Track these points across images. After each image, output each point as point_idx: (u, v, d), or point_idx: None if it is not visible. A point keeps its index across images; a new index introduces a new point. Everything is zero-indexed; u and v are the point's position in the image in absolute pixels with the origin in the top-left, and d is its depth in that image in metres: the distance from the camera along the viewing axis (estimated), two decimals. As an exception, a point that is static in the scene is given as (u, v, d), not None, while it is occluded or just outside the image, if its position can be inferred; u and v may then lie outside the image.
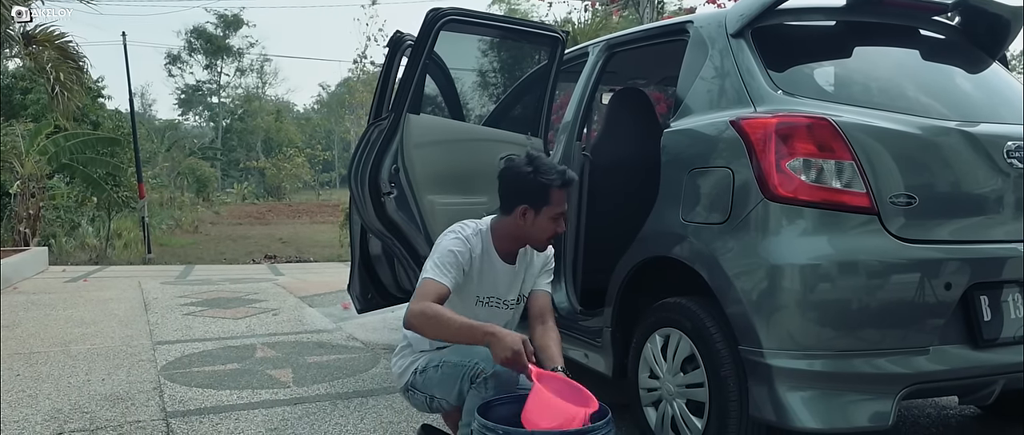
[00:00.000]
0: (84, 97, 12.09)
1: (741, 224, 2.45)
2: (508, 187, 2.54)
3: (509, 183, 2.54)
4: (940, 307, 2.37)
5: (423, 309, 2.31)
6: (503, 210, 2.57)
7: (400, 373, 2.70)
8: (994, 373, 2.45)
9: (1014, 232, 2.54)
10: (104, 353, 4.68)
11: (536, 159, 2.51)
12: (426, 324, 2.31)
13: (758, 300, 2.37)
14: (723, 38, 2.80)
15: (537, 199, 2.48)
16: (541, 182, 2.47)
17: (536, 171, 2.47)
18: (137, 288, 7.93)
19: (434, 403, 2.58)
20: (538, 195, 2.48)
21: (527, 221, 2.51)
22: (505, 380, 2.36)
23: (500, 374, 2.34)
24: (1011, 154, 2.52)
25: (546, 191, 2.47)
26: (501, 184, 2.56)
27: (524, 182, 2.48)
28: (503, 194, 2.56)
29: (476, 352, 2.42)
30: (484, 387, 2.34)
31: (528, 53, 3.96)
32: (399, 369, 2.71)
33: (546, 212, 2.50)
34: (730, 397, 2.47)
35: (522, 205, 2.49)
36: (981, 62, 3.05)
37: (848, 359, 2.32)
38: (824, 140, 2.38)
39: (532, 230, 2.52)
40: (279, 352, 4.72)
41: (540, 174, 2.46)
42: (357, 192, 3.47)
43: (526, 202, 2.49)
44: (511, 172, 2.53)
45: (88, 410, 3.51)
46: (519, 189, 2.50)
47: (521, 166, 2.50)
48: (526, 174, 2.48)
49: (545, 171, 2.47)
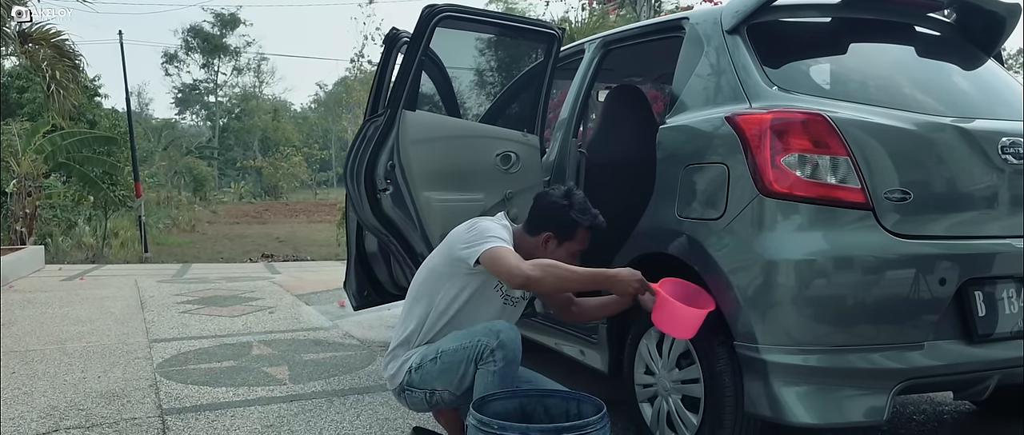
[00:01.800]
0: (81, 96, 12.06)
1: (736, 220, 2.45)
2: (540, 213, 2.66)
3: (542, 209, 2.65)
4: (935, 302, 2.37)
5: (539, 264, 2.42)
6: (528, 229, 2.68)
7: (393, 375, 2.70)
8: (989, 368, 2.45)
9: (1009, 227, 2.54)
10: (100, 351, 4.67)
11: (574, 195, 2.64)
12: (550, 272, 2.40)
13: (753, 296, 2.37)
14: (719, 35, 2.81)
15: (564, 233, 2.61)
16: (573, 219, 2.60)
17: (571, 207, 2.60)
18: (133, 286, 7.92)
19: (435, 397, 2.59)
20: (566, 230, 2.61)
21: (548, 249, 2.62)
22: (512, 349, 2.44)
23: (506, 343, 2.42)
24: (1006, 150, 2.53)
25: (575, 228, 2.61)
26: (534, 207, 2.69)
27: (557, 214, 2.61)
28: (533, 216, 2.68)
29: (474, 332, 2.48)
30: (493, 360, 2.40)
31: (524, 50, 3.96)
32: (391, 372, 2.71)
33: (567, 246, 2.63)
34: (725, 392, 2.47)
35: (547, 233, 2.61)
36: (976, 59, 3.06)
37: (843, 354, 2.32)
38: (819, 136, 2.38)
39: (548, 257, 2.57)
40: (275, 350, 4.72)
41: (574, 211, 2.60)
42: (353, 188, 3.46)
43: (552, 231, 2.61)
44: (547, 200, 2.66)
45: (84, 407, 3.50)
46: (550, 218, 2.62)
47: (558, 198, 2.62)
48: (561, 206, 2.60)
49: (580, 210, 2.61)
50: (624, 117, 3.77)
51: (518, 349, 2.47)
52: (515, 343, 2.46)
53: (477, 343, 2.44)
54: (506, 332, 2.45)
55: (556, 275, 2.40)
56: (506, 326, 2.48)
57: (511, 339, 2.45)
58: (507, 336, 2.44)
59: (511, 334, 2.46)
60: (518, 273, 2.37)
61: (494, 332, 2.44)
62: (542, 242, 2.61)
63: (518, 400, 2.37)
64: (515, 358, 2.45)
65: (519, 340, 2.49)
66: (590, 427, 2.08)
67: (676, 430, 2.69)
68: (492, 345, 2.42)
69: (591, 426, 2.09)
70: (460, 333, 2.55)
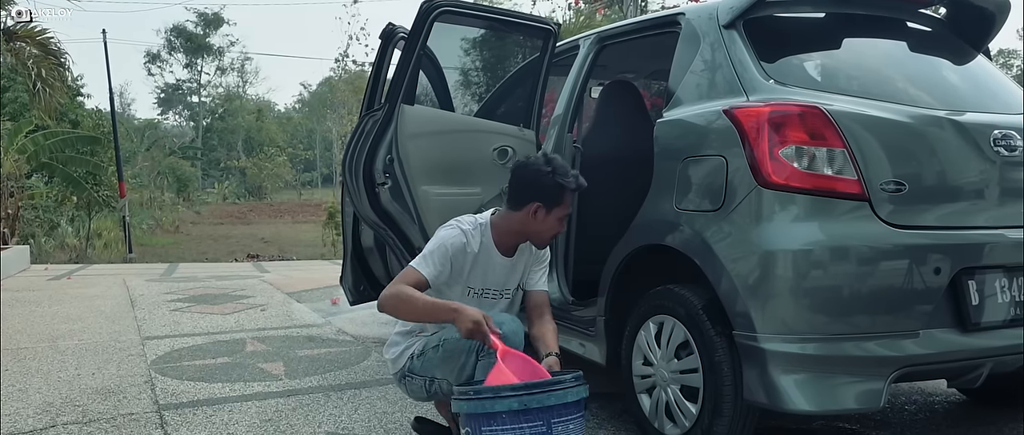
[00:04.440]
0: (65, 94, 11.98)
1: (735, 211, 2.49)
2: (522, 184, 2.61)
3: (525, 180, 2.60)
4: (929, 291, 2.42)
5: (396, 291, 2.45)
6: (511, 205, 2.64)
7: (395, 359, 2.71)
8: (982, 356, 2.50)
9: (1001, 218, 2.60)
10: (93, 348, 4.65)
11: (554, 160, 2.60)
12: (397, 305, 2.45)
13: (752, 285, 2.41)
14: (715, 30, 2.84)
15: (551, 199, 2.57)
16: (558, 183, 2.56)
17: (554, 172, 2.56)
18: (122, 285, 7.88)
19: (434, 386, 2.60)
20: (553, 195, 2.57)
21: (537, 219, 2.58)
22: (515, 341, 2.44)
23: (509, 335, 2.44)
24: (997, 142, 2.58)
25: (561, 192, 2.57)
26: (515, 180, 2.64)
27: (541, 181, 2.57)
28: (515, 190, 2.63)
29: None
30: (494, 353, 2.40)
31: (520, 45, 3.99)
32: (393, 356, 2.72)
33: (556, 212, 2.59)
34: (724, 381, 2.51)
35: (536, 203, 2.57)
36: (967, 54, 3.11)
37: (840, 343, 2.36)
38: (816, 128, 2.42)
39: (539, 228, 2.59)
40: (269, 346, 4.71)
41: (558, 175, 2.56)
42: (351, 182, 3.48)
43: (540, 200, 2.57)
44: (529, 170, 2.60)
45: (80, 403, 3.49)
46: (535, 187, 2.57)
47: (540, 166, 2.59)
48: (545, 173, 2.56)
49: (563, 173, 2.57)
50: (619, 112, 3.81)
51: (520, 342, 2.49)
52: (517, 335, 2.48)
53: None
54: (509, 324, 2.47)
55: (403, 304, 2.44)
56: (509, 318, 2.51)
57: (513, 331, 2.47)
58: (510, 328, 2.46)
59: (514, 326, 2.48)
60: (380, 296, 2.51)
61: (497, 324, 2.45)
62: (531, 213, 2.57)
63: None
64: (517, 349, 2.46)
65: (522, 333, 2.51)
66: (562, 384, 2.14)
67: (675, 420, 2.73)
68: None
69: (564, 384, 2.14)
70: None
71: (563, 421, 2.13)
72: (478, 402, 2.14)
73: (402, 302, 2.44)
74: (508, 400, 2.10)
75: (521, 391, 2.12)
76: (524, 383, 2.16)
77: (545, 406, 2.10)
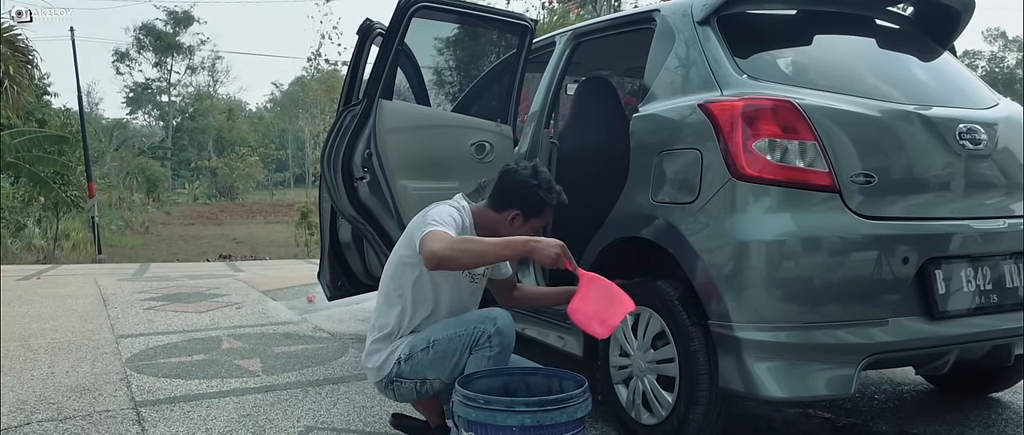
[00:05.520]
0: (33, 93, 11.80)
1: (710, 203, 2.54)
2: (506, 190, 2.65)
3: (509, 187, 2.65)
4: (898, 281, 2.48)
5: (450, 242, 2.34)
6: (492, 204, 2.68)
7: (379, 367, 2.66)
8: (948, 344, 2.57)
9: (965, 209, 2.67)
10: (66, 347, 4.61)
11: (541, 174, 2.64)
12: (458, 252, 2.33)
13: (727, 275, 2.46)
14: (690, 26, 2.89)
15: (531, 211, 2.63)
16: (541, 197, 2.61)
17: (540, 186, 2.61)
18: (94, 285, 7.79)
19: (425, 386, 2.60)
20: (533, 208, 2.62)
21: (513, 226, 2.63)
22: (508, 335, 2.48)
23: (503, 330, 2.46)
24: (962, 136, 2.66)
25: (542, 207, 2.63)
26: (501, 183, 2.67)
27: (525, 192, 2.61)
28: (499, 192, 2.67)
29: (468, 320, 2.51)
30: (489, 346, 2.44)
31: (497, 41, 4.02)
32: (376, 363, 2.67)
33: (533, 223, 2.66)
34: (700, 370, 2.55)
35: (514, 211, 2.62)
36: (933, 51, 3.19)
37: (812, 331, 2.41)
38: (788, 122, 2.47)
39: (513, 234, 2.62)
40: (246, 343, 4.70)
41: (542, 190, 2.61)
42: (330, 177, 3.48)
43: (519, 209, 2.62)
44: (516, 179, 2.64)
45: (54, 401, 3.46)
46: (518, 196, 2.62)
47: (527, 176, 2.62)
48: (530, 186, 2.61)
49: (547, 189, 2.62)
50: (594, 108, 3.85)
51: (513, 336, 2.51)
52: (511, 330, 2.50)
53: (473, 330, 2.48)
54: (502, 318, 2.49)
55: (468, 252, 2.34)
56: (502, 313, 2.53)
57: (507, 326, 2.49)
58: (504, 322, 2.48)
59: (507, 320, 2.50)
60: (429, 254, 2.31)
61: (491, 318, 2.48)
62: (508, 219, 2.62)
63: (501, 378, 2.43)
64: (510, 344, 2.49)
65: (514, 327, 2.54)
66: (573, 400, 2.15)
67: (651, 410, 2.77)
68: (490, 331, 2.46)
69: (574, 399, 2.15)
70: (452, 321, 2.58)
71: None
72: (489, 413, 2.10)
73: (463, 248, 2.33)
74: (521, 415, 2.08)
75: (535, 407, 2.10)
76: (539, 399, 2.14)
77: (557, 423, 2.10)
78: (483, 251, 2.37)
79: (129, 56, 52.04)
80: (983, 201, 2.72)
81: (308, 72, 30.23)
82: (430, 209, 2.59)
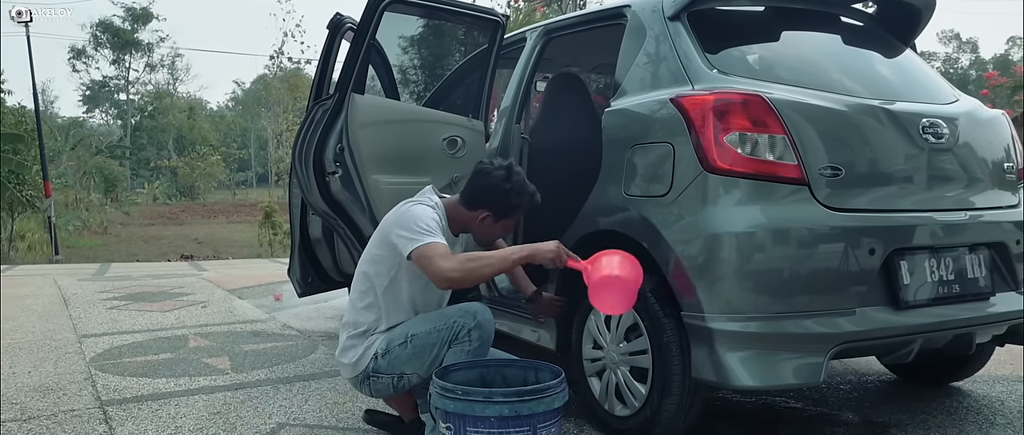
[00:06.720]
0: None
1: (682, 196, 2.57)
2: (480, 189, 2.64)
3: (482, 186, 2.64)
4: (864, 272, 2.54)
5: (460, 261, 2.41)
6: (463, 201, 2.67)
7: (354, 363, 2.65)
8: (913, 333, 2.63)
9: (928, 201, 2.74)
10: (26, 347, 4.51)
11: (515, 176, 2.63)
12: (471, 271, 2.40)
13: (699, 267, 2.49)
14: (660, 22, 2.93)
15: (501, 212, 2.64)
16: (512, 202, 2.62)
17: (512, 189, 2.60)
18: (53, 285, 7.61)
19: (403, 381, 2.60)
20: (505, 209, 2.64)
21: (483, 225, 2.65)
22: (488, 330, 2.51)
23: (483, 324, 2.48)
24: (925, 130, 2.72)
25: (513, 209, 2.65)
26: (474, 182, 2.66)
27: (497, 194, 2.61)
28: (472, 190, 2.66)
29: (448, 314, 2.51)
30: (469, 340, 2.45)
31: (468, 36, 4.02)
32: (352, 359, 2.66)
33: (503, 223, 2.68)
34: (672, 361, 2.59)
35: (486, 211, 2.62)
36: (896, 48, 3.27)
37: (781, 321, 2.45)
38: (758, 115, 2.52)
39: (483, 231, 2.66)
40: (213, 342, 4.64)
41: (515, 194, 2.61)
42: (301, 171, 3.46)
43: (490, 209, 2.63)
44: (489, 178, 2.63)
45: (17, 401, 3.39)
46: (489, 197, 2.62)
47: (500, 179, 2.61)
48: (504, 189, 2.60)
49: (520, 192, 2.62)
50: (565, 104, 3.87)
51: (492, 330, 2.54)
52: (490, 324, 2.52)
53: (453, 324, 2.49)
54: (482, 313, 2.51)
55: (478, 272, 2.43)
56: (481, 307, 2.54)
57: (487, 320, 2.51)
58: (483, 317, 2.50)
59: (486, 315, 2.52)
60: (443, 276, 2.37)
61: (471, 313, 2.49)
62: (478, 218, 2.64)
63: (478, 370, 2.44)
64: (489, 338, 2.51)
65: (493, 322, 2.56)
66: (550, 391, 2.17)
67: (624, 401, 2.80)
68: (470, 325, 2.48)
69: (551, 389, 2.17)
70: (432, 315, 2.58)
71: (546, 425, 2.15)
72: (467, 404, 2.12)
73: (471, 267, 2.40)
74: (499, 405, 2.10)
75: (512, 397, 2.12)
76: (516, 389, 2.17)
77: (534, 413, 2.12)
78: (492, 268, 2.45)
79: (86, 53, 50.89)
80: (945, 194, 2.80)
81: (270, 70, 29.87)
82: (408, 211, 2.57)
